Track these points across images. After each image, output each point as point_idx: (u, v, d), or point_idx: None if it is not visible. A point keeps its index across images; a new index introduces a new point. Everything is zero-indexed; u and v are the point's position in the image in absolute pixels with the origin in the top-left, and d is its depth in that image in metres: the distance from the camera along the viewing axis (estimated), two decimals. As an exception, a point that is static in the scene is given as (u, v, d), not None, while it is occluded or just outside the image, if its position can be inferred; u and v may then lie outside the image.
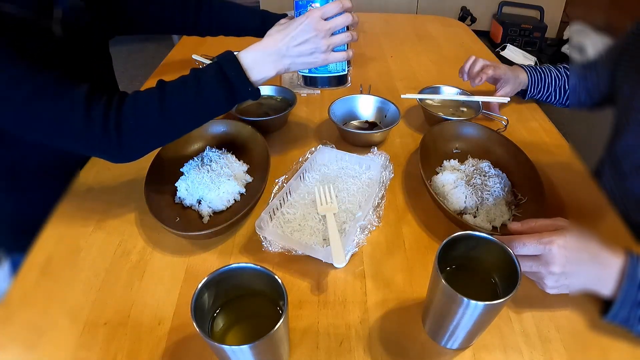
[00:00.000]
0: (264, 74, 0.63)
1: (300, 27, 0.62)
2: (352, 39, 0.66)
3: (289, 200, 0.70)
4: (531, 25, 2.98)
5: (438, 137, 0.81)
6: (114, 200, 0.73)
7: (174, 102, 0.60)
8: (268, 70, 0.63)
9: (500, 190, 0.69)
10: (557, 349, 0.52)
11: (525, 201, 0.69)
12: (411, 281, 0.60)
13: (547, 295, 0.57)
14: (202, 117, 0.64)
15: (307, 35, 0.62)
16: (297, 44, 0.62)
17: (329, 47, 0.63)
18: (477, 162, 0.75)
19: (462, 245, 0.49)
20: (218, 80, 0.61)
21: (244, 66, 0.62)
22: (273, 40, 0.63)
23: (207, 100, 0.62)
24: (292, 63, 0.64)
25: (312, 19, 0.62)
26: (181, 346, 0.52)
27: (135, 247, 0.65)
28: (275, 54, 0.63)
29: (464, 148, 0.81)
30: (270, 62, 0.63)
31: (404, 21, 1.56)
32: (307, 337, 0.53)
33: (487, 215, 0.67)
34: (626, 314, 0.49)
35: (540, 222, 0.54)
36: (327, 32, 0.63)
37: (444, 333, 0.50)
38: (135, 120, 0.60)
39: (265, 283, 0.45)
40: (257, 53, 0.63)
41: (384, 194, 0.72)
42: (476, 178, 0.70)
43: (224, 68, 0.61)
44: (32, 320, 0.55)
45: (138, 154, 0.64)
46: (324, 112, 0.89)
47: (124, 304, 0.57)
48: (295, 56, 0.63)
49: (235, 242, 0.66)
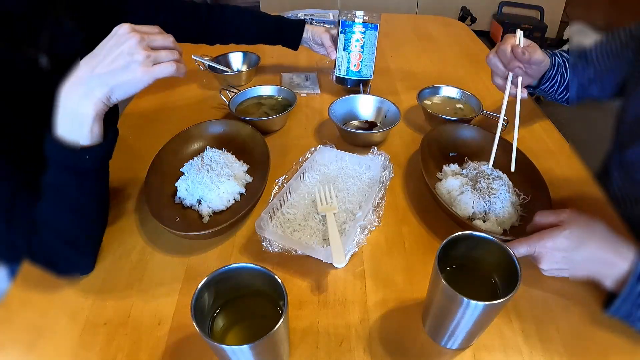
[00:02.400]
0: (80, 120, 0.51)
1: (110, 41, 0.52)
2: (178, 56, 0.55)
3: (289, 200, 0.70)
4: (531, 25, 2.99)
5: (434, 142, 0.80)
6: (114, 200, 0.73)
7: (50, 217, 0.55)
8: (82, 111, 0.51)
9: (506, 192, 0.69)
10: (557, 349, 0.52)
11: (529, 200, 0.69)
12: (411, 281, 0.60)
13: (547, 296, 0.57)
14: (83, 205, 0.56)
15: (119, 49, 0.51)
16: (110, 61, 0.51)
17: (148, 57, 0.52)
18: (478, 165, 0.74)
19: (462, 245, 0.49)
20: (56, 173, 0.54)
21: (58, 136, 0.52)
22: (87, 69, 0.52)
23: (63, 191, 0.54)
24: (110, 88, 0.52)
25: (124, 28, 0.52)
26: (181, 346, 0.52)
27: (135, 247, 0.65)
28: (85, 85, 0.51)
29: (461, 151, 0.81)
30: (78, 97, 0.51)
31: (404, 21, 1.56)
32: (307, 337, 0.53)
33: (497, 219, 0.67)
34: (628, 310, 0.49)
35: (544, 220, 0.55)
36: (144, 40, 0.52)
37: (444, 333, 0.50)
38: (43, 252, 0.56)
39: (265, 283, 0.45)
40: (63, 104, 0.52)
41: (384, 194, 0.72)
42: (481, 182, 0.69)
43: (47, 154, 0.52)
44: (32, 320, 0.55)
45: (87, 262, 0.60)
46: (324, 112, 0.88)
47: (124, 304, 0.57)
48: (108, 75, 0.51)
49: (235, 242, 0.66)
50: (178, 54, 0.55)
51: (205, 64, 1.07)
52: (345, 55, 0.97)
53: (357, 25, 0.93)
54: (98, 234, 0.62)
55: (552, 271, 0.54)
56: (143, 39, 0.52)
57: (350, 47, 0.95)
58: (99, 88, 0.51)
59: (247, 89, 0.96)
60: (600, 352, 0.52)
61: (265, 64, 1.18)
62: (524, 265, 0.45)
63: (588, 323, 0.54)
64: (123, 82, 0.52)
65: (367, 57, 0.97)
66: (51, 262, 0.58)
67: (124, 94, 0.53)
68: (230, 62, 1.13)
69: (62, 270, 0.59)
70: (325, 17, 1.39)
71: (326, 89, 1.07)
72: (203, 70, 1.10)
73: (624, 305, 0.50)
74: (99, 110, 0.52)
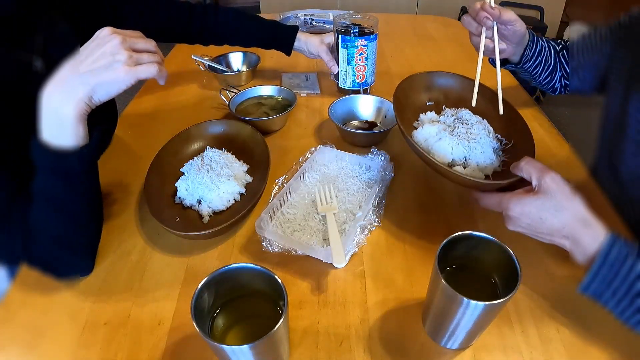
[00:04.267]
0: (62, 121, 0.50)
1: (92, 43, 0.52)
2: (160, 59, 0.55)
3: (289, 200, 0.70)
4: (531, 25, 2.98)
5: (409, 91, 0.76)
6: (114, 200, 0.73)
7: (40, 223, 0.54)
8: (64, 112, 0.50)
9: (486, 136, 0.67)
10: (557, 349, 0.52)
11: (512, 145, 0.68)
12: (411, 281, 0.60)
13: (547, 296, 0.57)
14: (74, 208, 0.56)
15: (102, 49, 0.51)
16: (92, 61, 0.51)
17: (131, 57, 0.51)
18: (455, 111, 0.73)
19: (462, 245, 0.49)
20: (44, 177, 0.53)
21: (42, 139, 0.51)
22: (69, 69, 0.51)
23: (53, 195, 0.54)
24: (91, 87, 0.50)
25: (105, 30, 0.52)
26: (181, 346, 0.52)
27: (135, 247, 0.65)
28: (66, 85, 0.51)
29: (439, 99, 0.78)
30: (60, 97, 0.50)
31: (404, 21, 1.56)
32: (307, 337, 0.53)
33: (478, 164, 0.65)
34: (598, 289, 0.49)
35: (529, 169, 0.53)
36: (126, 42, 0.52)
37: (444, 333, 0.50)
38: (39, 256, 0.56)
39: (265, 283, 0.45)
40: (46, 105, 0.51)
41: (384, 194, 0.72)
42: (459, 127, 0.67)
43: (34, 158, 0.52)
44: (32, 320, 0.55)
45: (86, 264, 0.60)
46: (324, 112, 0.89)
47: (124, 304, 0.57)
48: (90, 75, 0.50)
49: (235, 242, 0.66)
50: (160, 58, 0.55)
51: (205, 64, 1.07)
52: (350, 69, 0.97)
53: (360, 40, 0.92)
54: (94, 234, 0.62)
55: (517, 231, 0.54)
56: (125, 40, 0.51)
57: (354, 61, 0.96)
58: (80, 87, 0.50)
59: (247, 89, 0.96)
60: (600, 352, 0.52)
61: (265, 64, 1.18)
62: (523, 265, 0.45)
63: (588, 323, 0.54)
64: (105, 81, 0.51)
65: (370, 67, 0.98)
66: (49, 267, 0.58)
67: (106, 94, 0.52)
68: (230, 62, 1.13)
69: (61, 274, 0.59)
70: (325, 17, 1.39)
71: (326, 89, 1.07)
72: (203, 70, 1.10)
73: (593, 284, 0.49)
74: (81, 111, 0.51)
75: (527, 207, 0.51)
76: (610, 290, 0.48)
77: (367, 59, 0.96)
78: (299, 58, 1.19)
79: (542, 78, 0.84)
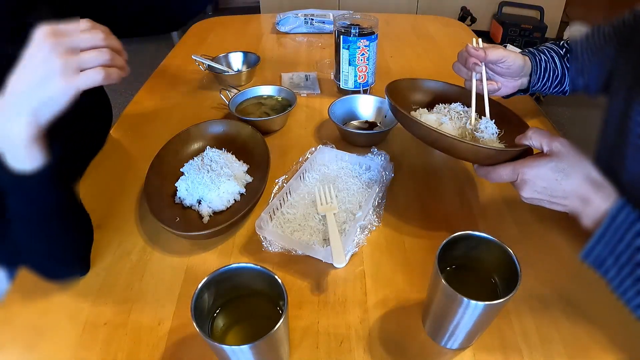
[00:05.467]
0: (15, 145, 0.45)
1: (28, 50, 0.43)
2: (109, 56, 0.45)
3: (289, 200, 0.70)
4: (531, 25, 2.99)
5: (398, 95, 0.78)
6: (114, 200, 0.73)
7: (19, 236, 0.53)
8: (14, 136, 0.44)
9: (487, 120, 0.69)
10: (557, 349, 0.52)
11: (503, 134, 0.70)
12: (411, 281, 0.60)
13: (547, 296, 0.57)
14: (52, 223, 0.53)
15: (35, 58, 0.43)
16: (27, 74, 0.43)
17: (67, 64, 0.43)
18: (447, 106, 0.74)
19: (462, 245, 0.49)
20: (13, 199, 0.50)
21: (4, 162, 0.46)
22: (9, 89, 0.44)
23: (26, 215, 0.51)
24: (32, 109, 0.44)
25: (40, 30, 0.43)
26: (181, 346, 0.52)
27: (135, 247, 0.65)
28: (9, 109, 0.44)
29: (425, 102, 0.81)
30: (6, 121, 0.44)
31: (404, 21, 1.56)
32: (307, 337, 0.53)
33: (483, 139, 0.66)
34: (601, 254, 0.49)
35: (537, 138, 0.55)
36: (60, 45, 0.43)
37: (444, 333, 0.50)
38: None
39: (265, 283, 0.45)
40: None
41: (384, 194, 0.72)
42: (462, 118, 0.68)
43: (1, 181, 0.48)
44: (32, 320, 0.55)
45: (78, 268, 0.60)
46: (324, 112, 0.89)
47: (124, 304, 0.57)
48: (26, 96, 0.43)
49: (235, 242, 0.66)
50: (110, 54, 0.45)
51: (205, 64, 1.07)
52: (352, 70, 0.97)
53: (362, 40, 0.92)
54: (80, 241, 0.60)
55: (533, 200, 0.54)
56: (59, 43, 0.42)
57: (356, 62, 0.96)
58: (22, 111, 0.43)
59: (247, 89, 0.96)
60: (600, 352, 0.52)
61: (265, 64, 1.18)
62: (523, 265, 0.45)
63: (588, 323, 0.54)
64: (44, 100, 0.43)
65: (371, 67, 0.98)
66: (43, 275, 0.58)
67: (51, 112, 0.44)
68: (230, 62, 1.13)
69: (56, 279, 0.59)
70: (325, 17, 1.39)
71: (326, 89, 1.07)
72: (203, 70, 1.10)
73: (597, 247, 0.49)
74: (31, 134, 0.45)
75: (543, 169, 0.52)
76: (613, 256, 0.48)
77: (369, 59, 0.96)
78: (299, 58, 1.20)
79: (552, 88, 0.84)
